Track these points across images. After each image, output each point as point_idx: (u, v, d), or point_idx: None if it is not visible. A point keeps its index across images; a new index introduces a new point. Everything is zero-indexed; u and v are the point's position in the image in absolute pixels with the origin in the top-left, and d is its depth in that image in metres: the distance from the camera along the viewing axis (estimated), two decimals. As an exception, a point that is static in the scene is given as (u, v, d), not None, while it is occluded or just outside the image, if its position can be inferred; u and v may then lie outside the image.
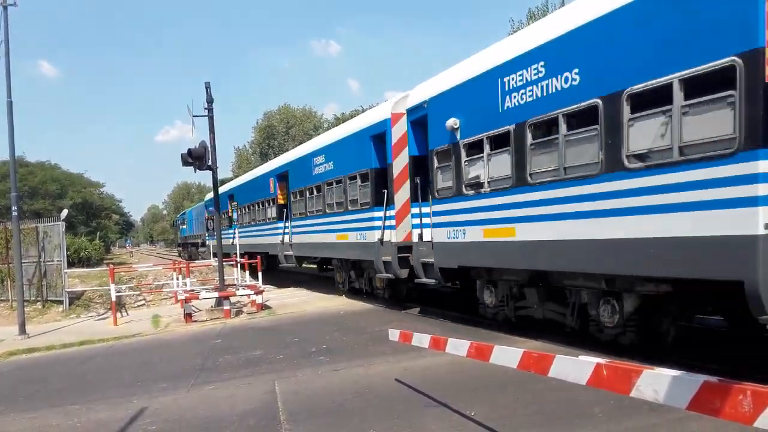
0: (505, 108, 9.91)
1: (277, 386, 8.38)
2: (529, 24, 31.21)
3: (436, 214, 12.24)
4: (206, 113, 16.70)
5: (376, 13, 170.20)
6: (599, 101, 7.97)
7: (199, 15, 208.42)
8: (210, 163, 16.25)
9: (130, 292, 21.63)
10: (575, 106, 8.44)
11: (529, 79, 9.36)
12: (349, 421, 6.63)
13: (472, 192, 10.96)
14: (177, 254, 64.47)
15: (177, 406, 7.81)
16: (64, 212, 20.71)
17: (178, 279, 21.66)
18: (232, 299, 16.68)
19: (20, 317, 15.19)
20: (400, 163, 13.77)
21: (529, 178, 9.39)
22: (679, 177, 6.90)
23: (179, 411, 7.58)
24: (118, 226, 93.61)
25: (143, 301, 21.40)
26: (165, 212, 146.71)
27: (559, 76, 8.77)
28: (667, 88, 6.99)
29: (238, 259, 23.45)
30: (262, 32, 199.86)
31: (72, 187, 60.40)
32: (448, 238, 11.80)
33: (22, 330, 14.99)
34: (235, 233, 26.32)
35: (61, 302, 19.46)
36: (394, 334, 7.40)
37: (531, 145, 9.36)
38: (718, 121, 6.51)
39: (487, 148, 10.44)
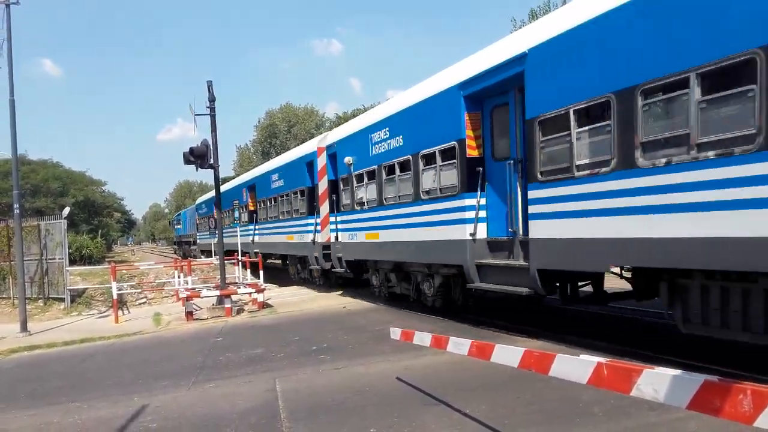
0: (372, 154, 14.81)
1: (278, 384, 8.38)
2: (530, 23, 31.22)
3: (341, 222, 17.27)
4: (208, 112, 16.72)
5: (377, 12, 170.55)
6: (410, 157, 12.85)
7: (200, 14, 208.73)
8: (212, 161, 16.26)
9: (131, 290, 21.65)
10: (402, 158, 13.26)
11: (381, 138, 14.30)
12: (349, 419, 6.63)
13: (359, 207, 15.82)
14: (173, 251, 69.07)
15: (178, 404, 7.82)
16: (66, 210, 20.76)
17: (179, 277, 21.70)
18: (234, 297, 16.69)
19: (22, 314, 15.23)
20: (322, 184, 18.47)
21: (384, 201, 14.30)
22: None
23: (180, 409, 7.59)
24: (120, 224, 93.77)
25: (145, 299, 21.44)
26: (167, 210, 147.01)
27: (394, 139, 13.70)
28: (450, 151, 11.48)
29: (240, 258, 23.47)
30: (263, 31, 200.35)
31: (74, 185, 60.47)
32: (349, 239, 16.73)
33: (24, 327, 15.04)
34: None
35: (62, 300, 19.52)
36: (395, 333, 7.40)
37: (384, 179, 14.20)
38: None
39: (365, 178, 15.30)
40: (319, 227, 18.66)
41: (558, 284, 9.77)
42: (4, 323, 17.50)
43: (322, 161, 18.27)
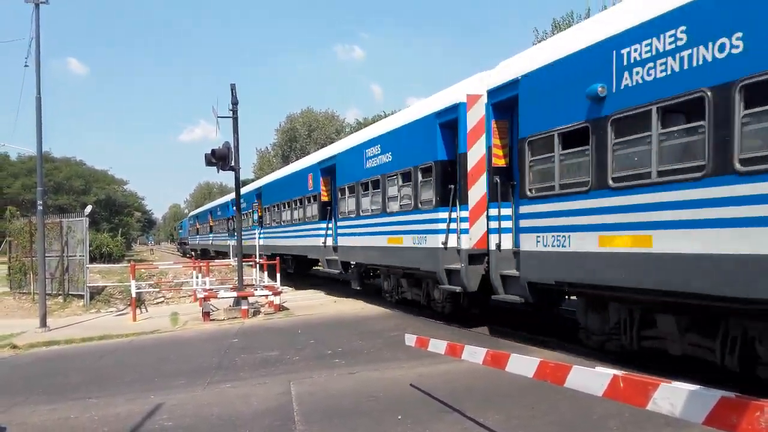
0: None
1: (293, 387, 8.42)
2: (554, 34, 31.12)
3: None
4: (231, 114, 16.86)
5: (400, 20, 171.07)
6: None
7: (224, 18, 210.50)
8: (233, 163, 16.39)
9: (149, 289, 21.82)
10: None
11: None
12: (363, 424, 6.65)
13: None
14: (176, 248, 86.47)
15: (193, 403, 7.88)
16: (88, 208, 21.03)
17: (197, 278, 21.85)
18: (250, 299, 16.78)
19: (42, 310, 15.41)
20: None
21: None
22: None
23: (195, 408, 7.65)
24: (140, 224, 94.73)
25: (162, 299, 21.59)
26: (186, 211, 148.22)
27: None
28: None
29: (258, 260, 23.59)
30: (286, 35, 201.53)
31: (96, 183, 61.29)
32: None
33: (43, 323, 15.21)
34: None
35: (82, 297, 19.72)
36: (410, 339, 7.41)
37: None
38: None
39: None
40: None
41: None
42: (25, 318, 17.72)
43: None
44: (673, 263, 7.23)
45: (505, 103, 10.91)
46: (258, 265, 23.89)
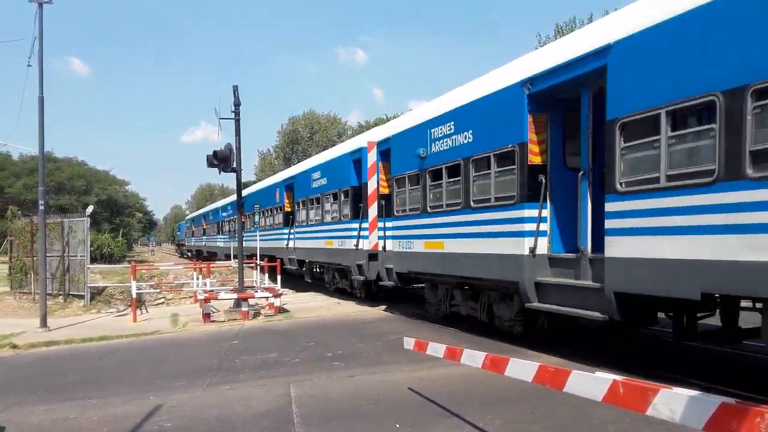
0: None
1: (292, 389, 8.42)
2: (556, 38, 31.24)
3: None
4: (233, 116, 16.87)
5: (403, 24, 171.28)
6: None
7: (227, 19, 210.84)
8: (234, 165, 16.40)
9: (150, 290, 21.84)
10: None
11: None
12: (362, 427, 6.64)
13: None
14: (174, 249, 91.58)
15: (193, 405, 7.88)
16: (90, 208, 20.99)
17: (198, 279, 21.86)
18: (251, 301, 16.77)
19: (42, 310, 15.41)
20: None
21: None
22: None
23: (195, 409, 7.65)
24: (141, 225, 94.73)
25: (163, 300, 21.62)
26: (188, 212, 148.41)
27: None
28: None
29: (258, 262, 23.60)
30: (289, 38, 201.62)
31: (98, 183, 61.34)
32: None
33: (44, 323, 15.20)
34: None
35: (82, 297, 19.72)
36: (409, 343, 7.40)
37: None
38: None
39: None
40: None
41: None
42: (25, 318, 17.72)
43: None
44: (455, 258, 12.15)
45: (385, 151, 15.93)
46: (258, 267, 23.90)
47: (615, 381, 3.71)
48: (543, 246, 10.00)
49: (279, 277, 19.67)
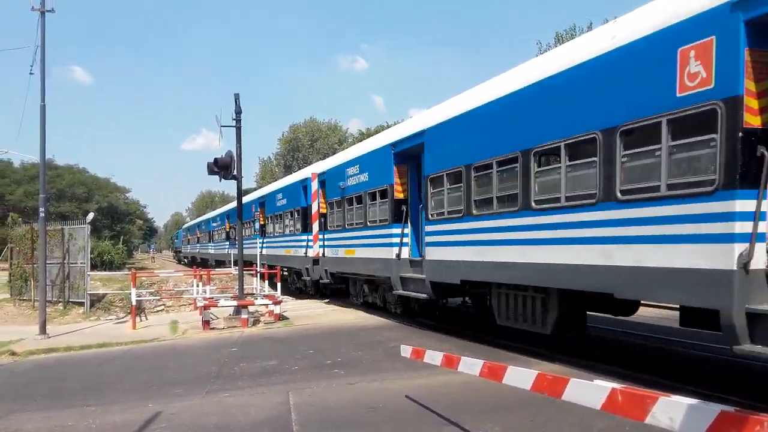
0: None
1: (291, 397, 8.40)
2: (556, 46, 31.32)
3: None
4: (234, 124, 16.89)
5: (403, 32, 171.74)
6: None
7: (227, 27, 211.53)
8: (235, 172, 16.41)
9: (150, 297, 21.80)
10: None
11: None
12: (360, 435, 6.62)
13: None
14: (173, 256, 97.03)
15: (192, 412, 7.85)
16: (90, 215, 20.99)
17: (198, 286, 21.82)
18: (250, 308, 16.77)
19: (41, 317, 15.39)
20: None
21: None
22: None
23: (193, 417, 7.62)
24: (142, 232, 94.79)
25: (162, 307, 21.57)
26: (188, 219, 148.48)
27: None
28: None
29: (258, 269, 23.59)
30: (289, 45, 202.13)
31: (98, 191, 61.39)
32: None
33: (43, 330, 15.18)
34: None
35: (82, 304, 19.72)
36: (406, 350, 7.38)
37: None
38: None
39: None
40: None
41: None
42: (24, 325, 17.72)
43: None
44: (362, 261, 16.83)
45: (323, 182, 20.49)
46: (258, 275, 23.89)
47: (614, 389, 3.70)
48: (405, 252, 14.58)
49: (279, 285, 19.66)
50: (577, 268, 8.72)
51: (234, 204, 34.75)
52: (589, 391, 3.94)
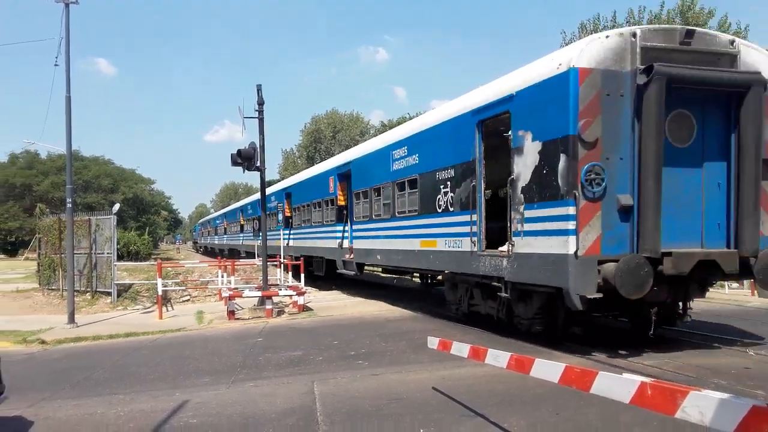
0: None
1: (316, 387, 8.45)
2: (581, 37, 31.00)
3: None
4: (257, 115, 16.95)
5: (425, 23, 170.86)
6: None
7: (250, 19, 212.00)
8: (258, 164, 16.48)
9: (176, 288, 22.03)
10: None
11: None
12: (385, 426, 6.64)
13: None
14: (191, 246, 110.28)
15: (218, 401, 7.94)
16: (116, 206, 21.28)
17: (222, 276, 22.00)
18: (275, 299, 16.87)
19: (70, 307, 15.63)
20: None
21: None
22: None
23: (220, 406, 7.71)
24: (167, 223, 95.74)
25: (188, 297, 21.78)
26: (212, 211, 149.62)
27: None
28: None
29: (282, 260, 23.73)
30: (311, 37, 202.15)
31: (124, 182, 62.02)
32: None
33: (71, 319, 15.43)
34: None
35: (109, 294, 19.98)
36: (432, 342, 7.38)
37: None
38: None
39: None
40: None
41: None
42: (53, 314, 18.01)
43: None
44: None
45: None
46: (282, 266, 24.04)
47: (643, 383, 3.67)
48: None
49: (302, 276, 19.76)
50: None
51: (248, 199, 39.54)
52: (618, 384, 3.91)
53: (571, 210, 9.16)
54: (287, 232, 28.32)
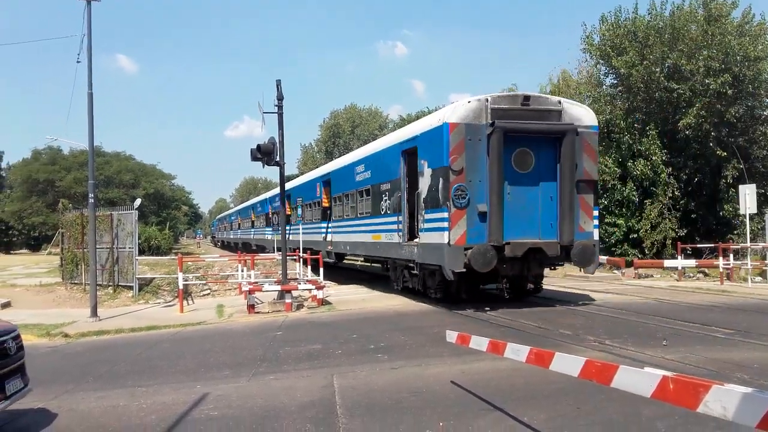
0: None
1: (335, 380, 8.48)
2: (602, 30, 30.70)
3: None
4: (276, 110, 17.00)
5: (443, 17, 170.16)
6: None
7: (270, 13, 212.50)
8: (278, 159, 16.54)
9: (196, 282, 22.19)
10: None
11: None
12: (404, 419, 6.64)
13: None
14: (210, 239, 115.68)
15: (238, 394, 8.00)
16: (137, 201, 21.48)
17: (242, 271, 22.15)
18: (294, 293, 16.95)
19: (92, 300, 15.83)
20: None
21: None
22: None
23: (240, 399, 7.76)
24: (187, 218, 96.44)
25: (209, 291, 21.94)
26: (232, 206, 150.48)
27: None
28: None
29: (301, 254, 23.83)
30: (330, 32, 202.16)
31: (145, 177, 62.40)
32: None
33: (94, 313, 15.63)
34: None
35: (131, 288, 20.21)
36: (451, 336, 7.37)
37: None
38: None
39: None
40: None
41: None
42: (76, 308, 18.26)
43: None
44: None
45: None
46: (301, 260, 24.13)
47: (665, 377, 3.62)
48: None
49: (321, 270, 19.82)
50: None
51: (257, 198, 45.21)
52: (639, 378, 3.86)
53: (446, 215, 14.10)
54: (288, 228, 30.55)
